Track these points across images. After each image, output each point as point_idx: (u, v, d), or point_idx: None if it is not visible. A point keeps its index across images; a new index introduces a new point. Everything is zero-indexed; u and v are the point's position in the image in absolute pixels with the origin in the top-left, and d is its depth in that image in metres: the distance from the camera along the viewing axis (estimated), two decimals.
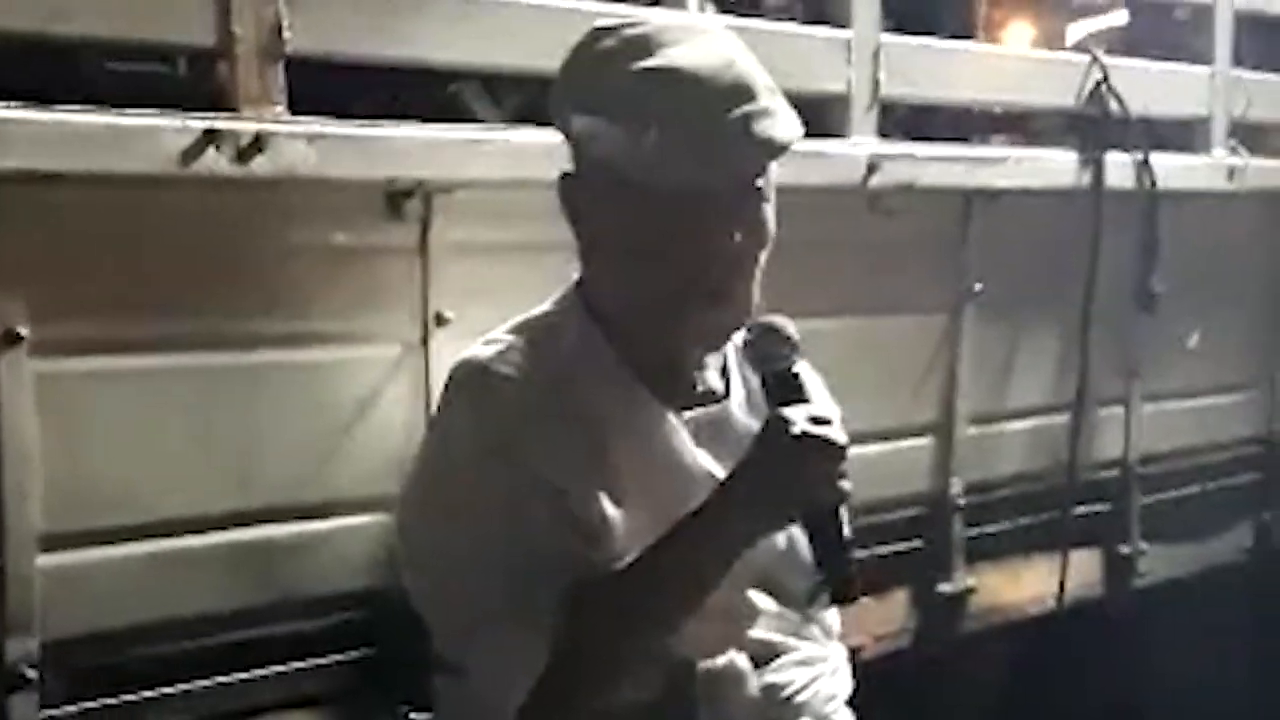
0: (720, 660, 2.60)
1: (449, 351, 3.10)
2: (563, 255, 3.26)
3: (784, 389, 2.51)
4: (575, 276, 2.71)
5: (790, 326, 2.59)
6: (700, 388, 2.68)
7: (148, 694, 2.87)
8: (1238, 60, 4.74)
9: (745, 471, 2.45)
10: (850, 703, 2.85)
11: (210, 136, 2.72)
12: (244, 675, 2.98)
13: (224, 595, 2.96)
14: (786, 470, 2.41)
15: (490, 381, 2.51)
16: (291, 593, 3.03)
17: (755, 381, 2.63)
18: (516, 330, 2.62)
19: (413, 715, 3.10)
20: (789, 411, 2.43)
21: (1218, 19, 4.68)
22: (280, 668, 3.03)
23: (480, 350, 2.57)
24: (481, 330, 3.08)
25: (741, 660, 2.62)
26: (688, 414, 2.64)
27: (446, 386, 2.59)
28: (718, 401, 2.69)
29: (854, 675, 2.97)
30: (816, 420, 2.41)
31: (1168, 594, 4.92)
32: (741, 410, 2.71)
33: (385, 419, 3.09)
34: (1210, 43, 4.69)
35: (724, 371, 2.73)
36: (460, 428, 2.53)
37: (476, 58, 3.15)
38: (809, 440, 2.40)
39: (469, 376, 2.55)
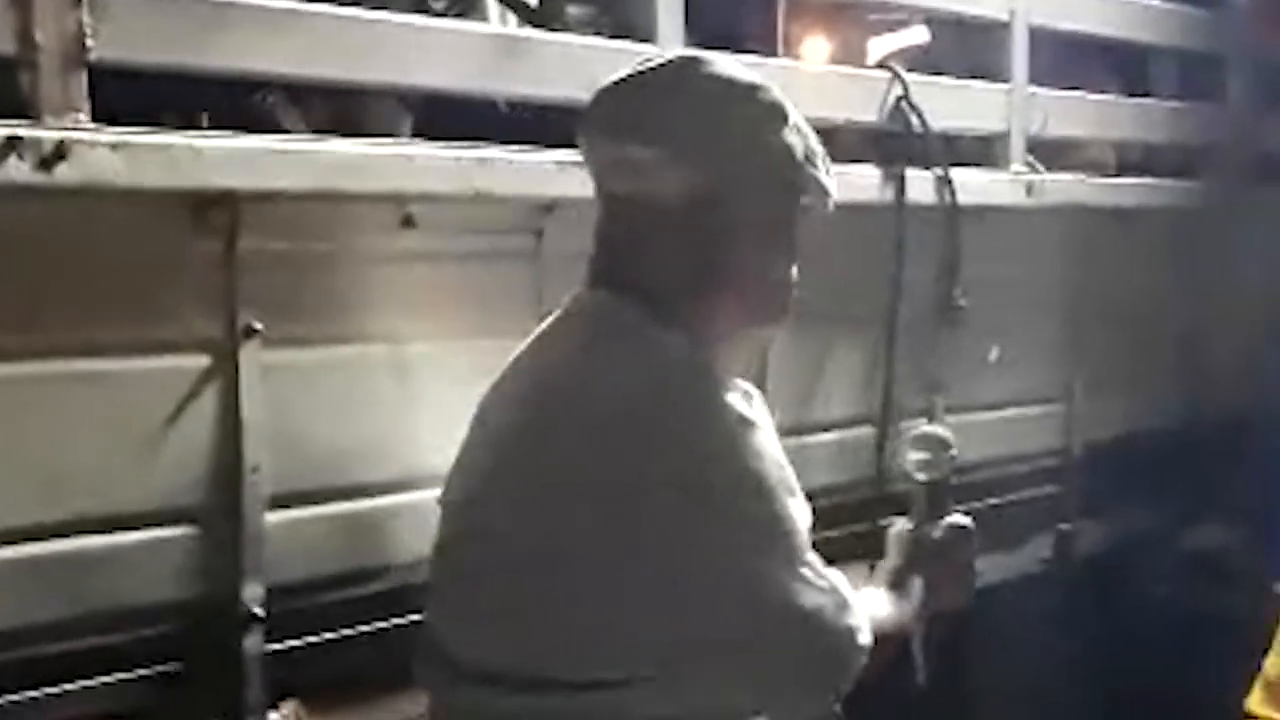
0: None
1: (258, 362, 3.10)
2: (372, 266, 3.31)
3: (942, 496, 3.01)
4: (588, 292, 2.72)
5: (951, 437, 3.08)
6: None
7: None
8: (1034, 77, 4.83)
9: (931, 563, 2.95)
10: None
11: (12, 144, 2.68)
12: (49, 690, 2.94)
13: (28, 609, 2.91)
14: (967, 570, 3.00)
15: (715, 391, 2.53)
16: (99, 606, 2.99)
17: None
18: (636, 351, 2.56)
19: None
20: (969, 522, 3.00)
21: (1015, 36, 4.77)
22: (87, 682, 2.99)
23: (660, 362, 2.53)
24: (290, 341, 3.10)
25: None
26: None
27: (663, 406, 2.48)
28: None
29: None
30: None
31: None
32: None
33: (194, 430, 3.07)
34: (1008, 60, 4.78)
35: None
36: (716, 441, 2.48)
37: (283, 68, 3.14)
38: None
39: (694, 392, 2.51)
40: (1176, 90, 5.67)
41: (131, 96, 2.91)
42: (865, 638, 2.60)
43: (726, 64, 2.68)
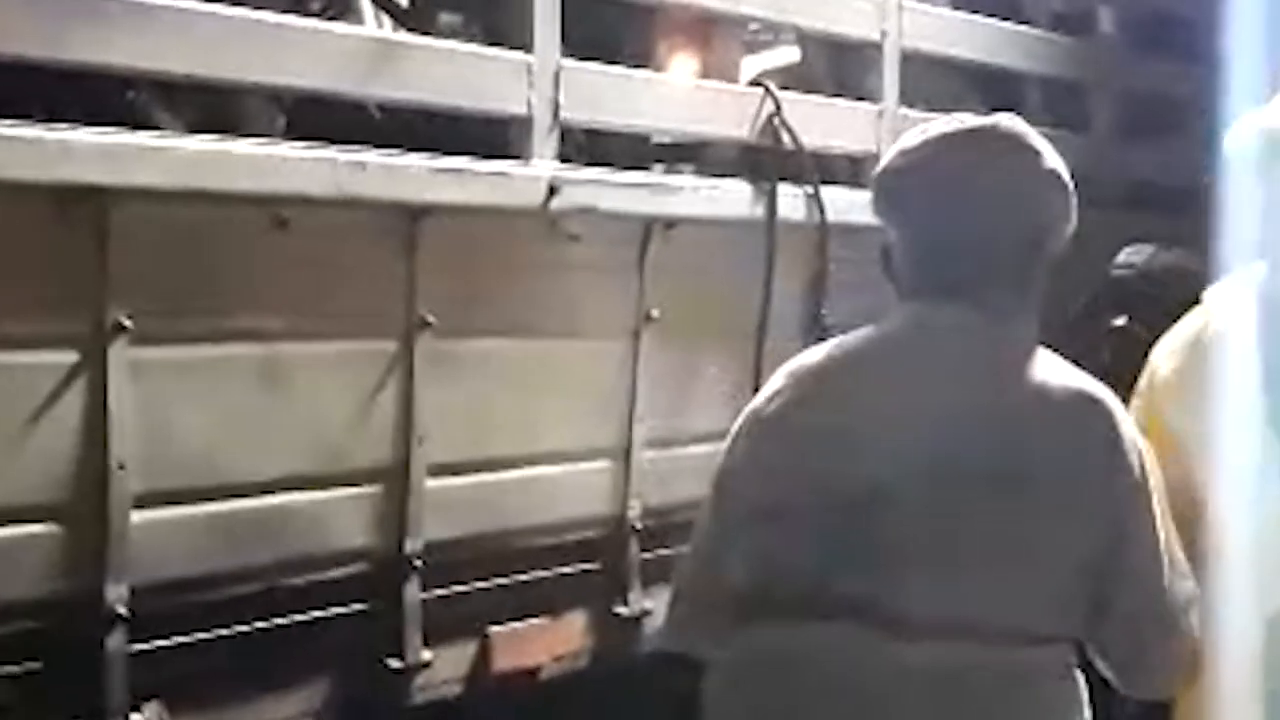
0: None
1: (126, 359, 3.08)
2: (244, 266, 3.30)
3: None
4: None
5: None
6: None
7: None
8: (905, 98, 4.89)
9: None
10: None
11: None
12: None
13: None
14: None
15: None
16: None
17: None
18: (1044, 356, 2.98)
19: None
20: None
21: (886, 58, 4.83)
22: None
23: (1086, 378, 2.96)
24: (160, 339, 3.08)
25: None
26: None
27: (1103, 415, 2.90)
28: None
29: (533, 694, 3.12)
30: None
31: None
32: None
33: (59, 426, 3.05)
34: (879, 81, 4.84)
35: None
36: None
37: (154, 64, 3.12)
38: None
39: (1106, 393, 2.93)
40: (1044, 118, 5.75)
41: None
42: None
43: (1027, 128, 3.09)
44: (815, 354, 3.13)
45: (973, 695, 2.79)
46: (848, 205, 4.66)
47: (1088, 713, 2.90)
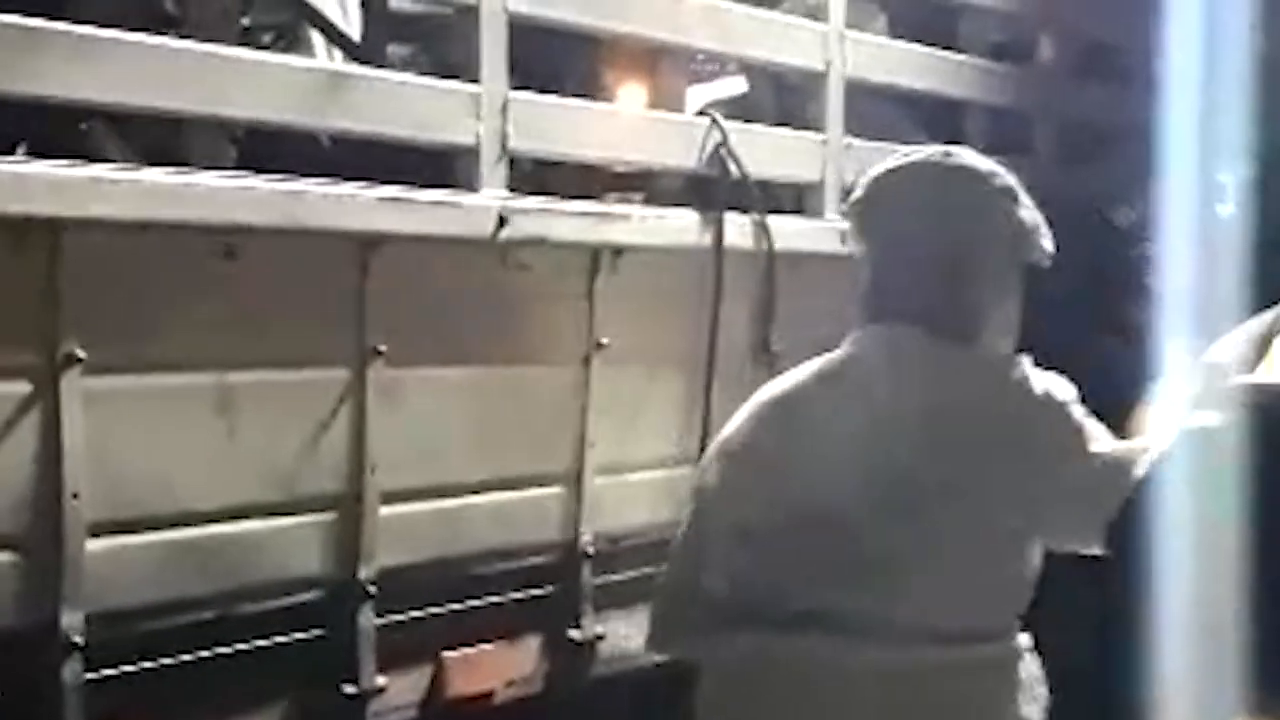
0: None
1: (79, 389, 3.10)
2: (196, 296, 3.32)
3: None
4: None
5: None
6: None
7: None
8: (850, 128, 4.94)
9: None
10: None
11: None
12: None
13: None
14: None
15: None
16: None
17: None
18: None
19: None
20: None
21: (830, 88, 4.89)
22: None
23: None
24: (113, 369, 3.09)
25: None
26: None
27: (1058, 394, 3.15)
28: None
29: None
30: None
31: None
32: None
33: (13, 456, 3.06)
34: (823, 111, 4.90)
35: None
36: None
37: (103, 96, 3.15)
38: None
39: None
40: (986, 142, 5.82)
41: None
42: None
43: (973, 156, 3.34)
44: (783, 380, 3.34)
45: (937, 692, 3.02)
46: (794, 233, 4.73)
47: (1043, 689, 3.15)
